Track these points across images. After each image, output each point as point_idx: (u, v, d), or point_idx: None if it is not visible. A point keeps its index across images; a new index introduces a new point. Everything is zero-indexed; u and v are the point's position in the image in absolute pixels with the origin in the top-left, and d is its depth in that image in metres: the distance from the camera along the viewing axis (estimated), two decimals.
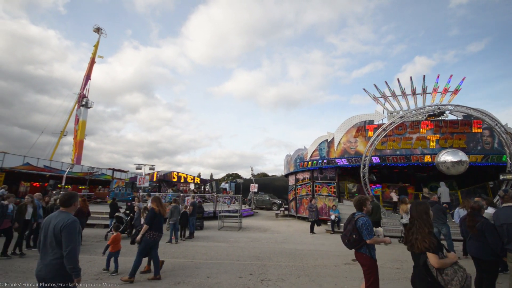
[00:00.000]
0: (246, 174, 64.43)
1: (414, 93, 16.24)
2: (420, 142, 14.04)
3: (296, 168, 18.51)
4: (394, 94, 16.59)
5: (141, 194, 15.49)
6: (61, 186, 18.74)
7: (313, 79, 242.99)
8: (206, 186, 30.27)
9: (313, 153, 16.87)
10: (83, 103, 38.08)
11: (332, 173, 16.08)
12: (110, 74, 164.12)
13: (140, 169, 17.27)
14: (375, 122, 15.00)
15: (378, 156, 14.21)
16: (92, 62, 39.47)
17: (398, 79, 16.85)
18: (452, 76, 15.70)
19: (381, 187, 15.39)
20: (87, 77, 39.01)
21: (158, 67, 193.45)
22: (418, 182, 16.46)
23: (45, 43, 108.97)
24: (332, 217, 12.69)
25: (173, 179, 25.88)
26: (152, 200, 5.68)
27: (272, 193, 30.48)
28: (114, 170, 31.10)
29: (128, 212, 10.56)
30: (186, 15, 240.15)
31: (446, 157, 11.05)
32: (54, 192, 17.26)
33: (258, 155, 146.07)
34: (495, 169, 13.05)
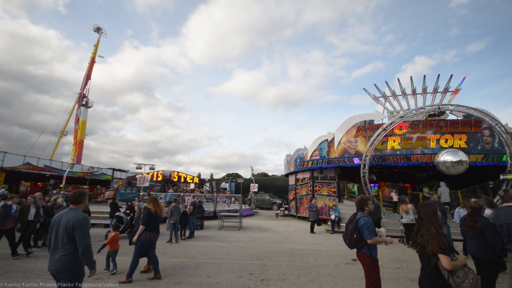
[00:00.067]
0: (246, 174, 64.37)
1: (414, 93, 16.24)
2: (420, 142, 14.04)
3: (296, 168, 18.52)
4: (394, 94, 16.58)
5: (141, 194, 15.50)
6: (61, 186, 18.76)
7: (313, 79, 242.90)
8: (206, 186, 30.29)
9: (313, 153, 16.88)
10: (83, 103, 38.14)
11: (332, 173, 16.09)
12: (110, 74, 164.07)
13: (140, 168, 17.30)
14: (375, 122, 15.00)
15: (378, 156, 14.22)
16: (92, 62, 39.53)
17: (398, 79, 16.86)
18: (452, 76, 15.73)
19: (377, 186, 15.33)
20: (87, 77, 39.06)
21: (158, 67, 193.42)
22: (417, 182, 16.46)
23: (45, 43, 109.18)
24: (332, 216, 12.70)
25: (173, 179, 25.92)
26: (148, 200, 5.59)
27: (272, 193, 30.49)
28: (114, 169, 31.18)
29: (128, 211, 10.56)
30: (186, 15, 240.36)
31: (446, 157, 11.06)
32: (54, 191, 17.29)
33: (258, 155, 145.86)
34: (495, 169, 13.05)
